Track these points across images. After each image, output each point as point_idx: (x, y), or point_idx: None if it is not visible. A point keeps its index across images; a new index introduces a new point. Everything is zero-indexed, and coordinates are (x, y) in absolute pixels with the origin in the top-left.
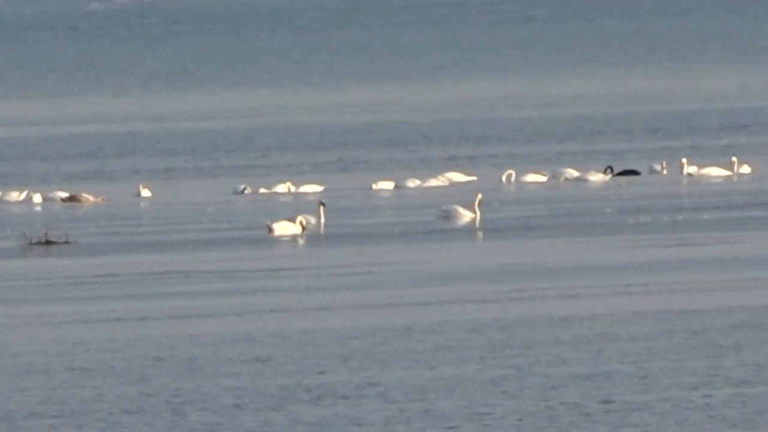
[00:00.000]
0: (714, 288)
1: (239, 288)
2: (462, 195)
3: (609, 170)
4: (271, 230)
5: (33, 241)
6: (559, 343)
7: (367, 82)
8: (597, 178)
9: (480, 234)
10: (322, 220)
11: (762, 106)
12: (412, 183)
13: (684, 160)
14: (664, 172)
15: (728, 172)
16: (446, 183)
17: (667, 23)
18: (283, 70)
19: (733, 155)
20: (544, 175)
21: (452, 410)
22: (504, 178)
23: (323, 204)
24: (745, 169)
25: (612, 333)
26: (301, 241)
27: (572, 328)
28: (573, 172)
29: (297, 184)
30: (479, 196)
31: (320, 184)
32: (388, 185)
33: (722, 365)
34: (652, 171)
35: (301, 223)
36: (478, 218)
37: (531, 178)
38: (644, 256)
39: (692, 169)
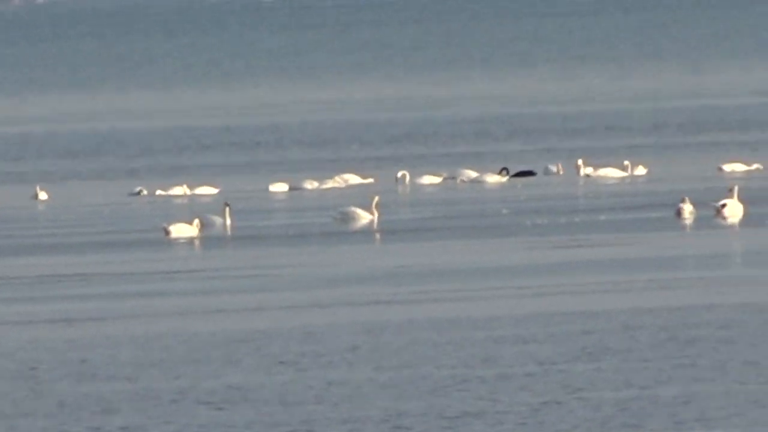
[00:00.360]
0: (609, 290)
1: (135, 290)
2: (359, 197)
3: (505, 171)
4: (167, 232)
5: None
6: (451, 345)
7: (263, 83)
8: (493, 179)
9: (377, 236)
10: (228, 221)
11: (676, 106)
12: (309, 185)
13: (580, 162)
14: (561, 173)
15: (624, 174)
16: (343, 185)
17: (571, 22)
18: (179, 71)
19: (628, 158)
20: (440, 176)
21: (329, 415)
22: (398, 179)
23: (228, 205)
24: (641, 170)
25: (503, 335)
26: (198, 243)
27: (464, 330)
28: (470, 173)
29: (192, 186)
30: (376, 197)
31: (215, 186)
32: (283, 187)
33: (608, 368)
34: (548, 172)
35: (197, 226)
36: (375, 220)
37: (427, 179)
38: (541, 257)
39: (589, 170)
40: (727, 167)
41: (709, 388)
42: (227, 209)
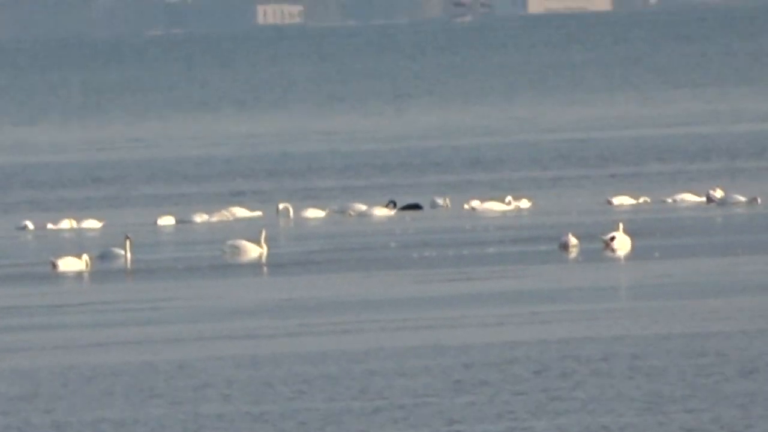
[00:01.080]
0: (490, 323)
1: (21, 324)
2: (247, 230)
3: (392, 204)
4: (55, 266)
5: None
6: (327, 378)
7: (149, 116)
8: (381, 212)
9: (265, 269)
10: (129, 254)
11: (565, 138)
12: (199, 218)
13: (446, 199)
14: (448, 206)
15: (508, 207)
16: (231, 218)
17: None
18: (64, 105)
19: (512, 191)
20: (324, 210)
21: None
22: (279, 212)
23: (129, 238)
24: (525, 203)
25: (380, 368)
26: (86, 277)
27: (343, 363)
28: (359, 207)
29: (79, 220)
30: (263, 231)
31: (101, 220)
32: (171, 220)
33: (483, 401)
34: (435, 205)
35: (87, 260)
36: (264, 253)
37: (311, 213)
38: (427, 290)
39: (475, 204)
40: (616, 200)
41: (583, 420)
42: (128, 242)
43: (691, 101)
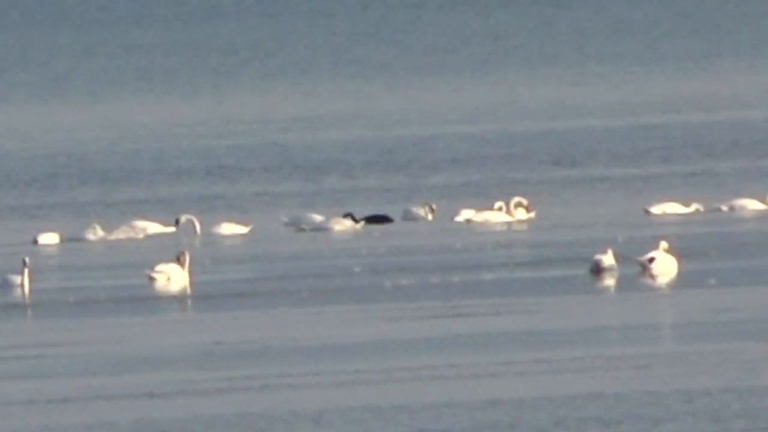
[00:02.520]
0: (493, 373)
1: None
2: (160, 251)
3: (350, 217)
4: None
5: None
6: None
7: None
8: (342, 226)
9: (189, 302)
10: (26, 281)
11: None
12: (93, 235)
13: (434, 205)
14: (429, 217)
15: (509, 218)
16: (139, 235)
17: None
18: None
19: (509, 197)
20: (244, 226)
21: None
22: (181, 225)
23: (26, 263)
24: (520, 213)
25: None
26: None
27: (287, 427)
28: (314, 218)
29: None
30: (186, 254)
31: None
32: (54, 238)
33: None
34: (410, 216)
35: None
36: (186, 281)
37: (227, 228)
38: (407, 330)
39: (468, 214)
40: (656, 209)
41: None
42: (26, 269)
43: (753, 74)
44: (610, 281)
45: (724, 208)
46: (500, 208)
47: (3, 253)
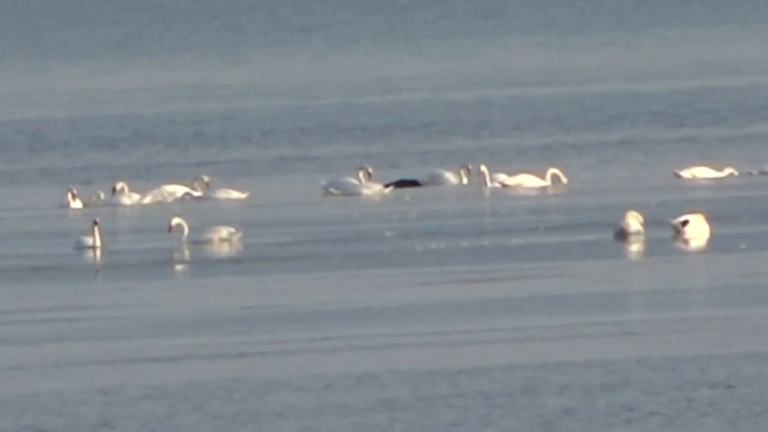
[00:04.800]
0: (526, 337)
1: None
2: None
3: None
4: None
5: None
6: (306, 412)
7: None
8: (372, 190)
9: (227, 266)
10: (98, 242)
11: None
12: (128, 198)
13: (483, 168)
14: (465, 180)
15: (544, 182)
16: (168, 199)
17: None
18: None
19: (542, 161)
20: (240, 191)
21: None
22: (116, 193)
23: (97, 223)
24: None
25: (387, 398)
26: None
27: (326, 393)
28: (352, 182)
29: None
30: (98, 223)
31: None
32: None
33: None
34: (438, 180)
35: None
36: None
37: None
38: (437, 294)
39: (502, 178)
40: (687, 173)
41: None
42: (96, 228)
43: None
44: (639, 246)
45: (755, 172)
46: (554, 174)
47: (38, 216)
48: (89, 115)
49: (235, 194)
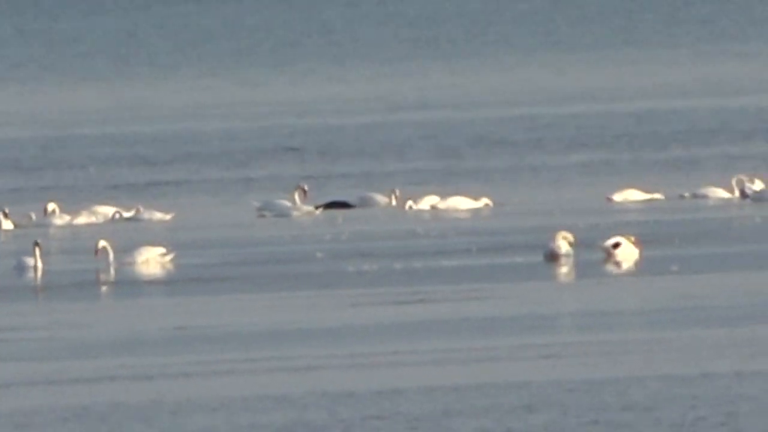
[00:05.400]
0: (457, 360)
1: None
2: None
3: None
4: None
5: None
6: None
7: None
8: (302, 211)
9: (150, 288)
10: (39, 264)
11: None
12: (59, 219)
13: (398, 191)
14: (393, 203)
15: (476, 204)
16: (99, 220)
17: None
18: None
19: (472, 187)
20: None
21: None
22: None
23: (38, 244)
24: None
25: (305, 420)
26: None
27: (254, 413)
28: (284, 204)
29: None
30: (39, 244)
31: None
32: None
33: None
34: (369, 203)
35: None
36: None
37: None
38: (369, 316)
39: (432, 201)
40: (618, 196)
41: None
42: (37, 249)
43: (719, 61)
44: (569, 268)
45: (687, 195)
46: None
47: None
48: (20, 137)
49: (158, 215)
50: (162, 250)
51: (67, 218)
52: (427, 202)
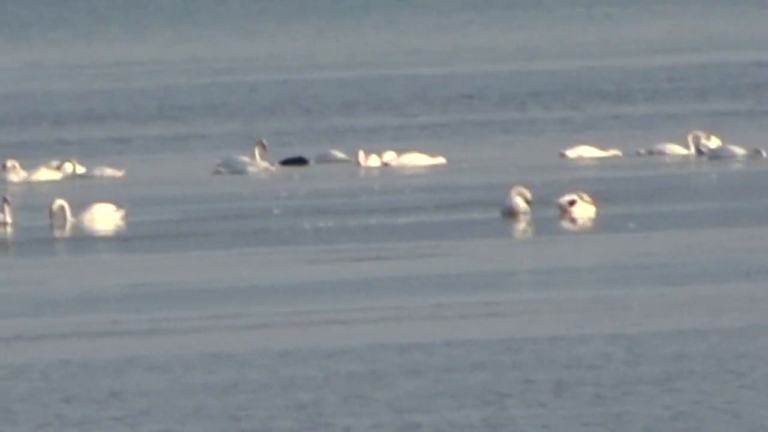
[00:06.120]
0: (410, 317)
1: None
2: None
3: (261, 145)
4: None
5: None
6: (186, 390)
7: None
8: (258, 167)
9: (107, 245)
10: (9, 220)
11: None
12: (15, 175)
13: (361, 151)
14: (356, 160)
15: (431, 161)
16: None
17: None
18: None
19: (427, 142)
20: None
21: None
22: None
23: (7, 201)
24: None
25: (247, 379)
26: None
27: (197, 372)
28: (243, 160)
29: None
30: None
31: None
32: None
33: (416, 422)
34: (326, 159)
35: None
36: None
37: (44, 174)
38: (325, 273)
39: (389, 157)
40: (572, 152)
41: None
42: (6, 206)
43: (676, 19)
44: (526, 224)
45: (643, 151)
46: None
47: None
48: None
49: (109, 171)
50: (113, 207)
51: (23, 175)
52: (383, 159)
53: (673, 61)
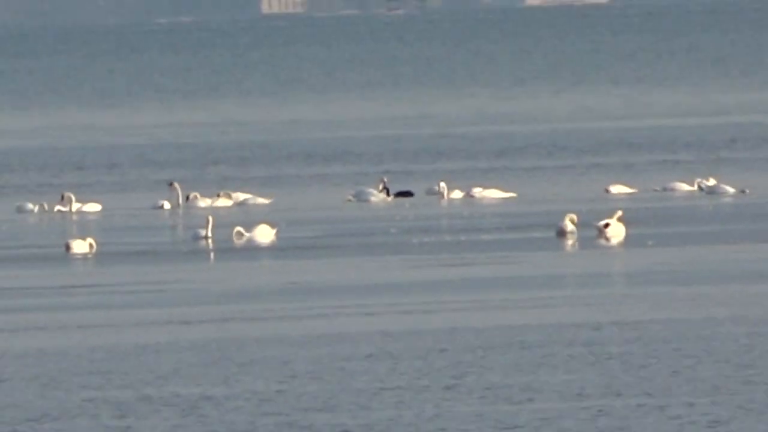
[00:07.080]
0: (495, 306)
1: (31, 305)
2: (250, 214)
3: (383, 186)
4: (69, 248)
5: None
6: (336, 359)
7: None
8: (377, 198)
9: (269, 253)
10: (210, 232)
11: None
12: (203, 202)
13: (443, 184)
14: (444, 193)
15: (507, 195)
16: (230, 202)
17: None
18: (75, 91)
19: (506, 182)
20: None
21: None
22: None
23: (208, 220)
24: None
25: (386, 351)
26: (92, 260)
27: (351, 346)
28: (372, 192)
29: (82, 202)
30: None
31: (100, 203)
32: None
33: (466, 386)
34: (431, 192)
35: (90, 244)
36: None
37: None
38: (427, 275)
39: (476, 191)
40: (614, 189)
41: (565, 406)
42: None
43: (684, 93)
44: (573, 242)
45: (659, 189)
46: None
47: (128, 214)
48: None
49: (260, 200)
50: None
51: (208, 201)
52: (472, 192)
53: (681, 122)
